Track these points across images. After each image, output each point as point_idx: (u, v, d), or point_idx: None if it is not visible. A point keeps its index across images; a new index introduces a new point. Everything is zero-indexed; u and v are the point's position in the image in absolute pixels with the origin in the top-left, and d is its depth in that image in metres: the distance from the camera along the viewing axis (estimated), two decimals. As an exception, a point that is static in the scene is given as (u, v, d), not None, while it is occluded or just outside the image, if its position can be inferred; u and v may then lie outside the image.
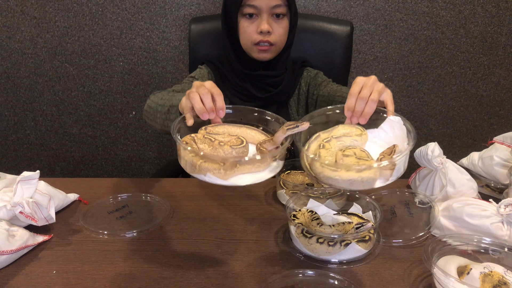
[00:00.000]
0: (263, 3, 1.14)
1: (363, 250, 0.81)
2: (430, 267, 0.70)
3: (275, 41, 1.18)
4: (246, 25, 1.17)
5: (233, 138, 0.72)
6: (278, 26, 1.17)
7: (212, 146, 0.70)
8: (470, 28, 1.84)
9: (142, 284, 0.73)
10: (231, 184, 0.68)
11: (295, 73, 1.29)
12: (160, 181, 1.16)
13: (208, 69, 1.29)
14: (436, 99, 1.95)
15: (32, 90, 1.86)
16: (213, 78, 1.28)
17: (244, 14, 1.17)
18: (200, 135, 0.73)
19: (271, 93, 1.25)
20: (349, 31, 1.43)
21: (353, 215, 0.91)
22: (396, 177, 0.68)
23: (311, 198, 0.94)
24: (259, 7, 1.14)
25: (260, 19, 1.16)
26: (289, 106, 1.31)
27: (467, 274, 0.69)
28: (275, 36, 1.17)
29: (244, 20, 1.18)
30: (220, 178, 0.67)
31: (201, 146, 0.70)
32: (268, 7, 1.14)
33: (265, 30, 1.14)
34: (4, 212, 0.83)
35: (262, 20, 1.15)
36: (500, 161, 1.07)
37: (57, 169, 2.00)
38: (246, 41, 1.19)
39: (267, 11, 1.15)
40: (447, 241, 0.78)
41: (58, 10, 1.74)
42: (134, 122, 1.93)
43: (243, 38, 1.19)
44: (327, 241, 0.80)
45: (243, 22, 1.18)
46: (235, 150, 0.69)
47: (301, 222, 0.86)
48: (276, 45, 1.19)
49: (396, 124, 0.81)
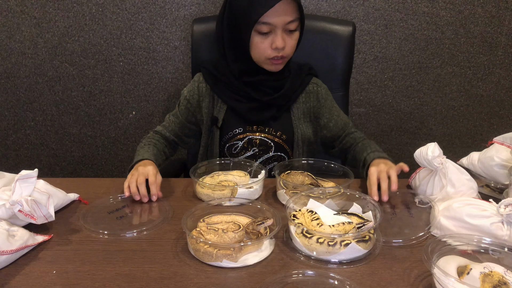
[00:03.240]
0: (279, 21, 1.12)
1: (363, 250, 0.81)
2: (430, 267, 0.70)
3: (287, 54, 1.18)
4: (259, 41, 1.15)
5: (230, 224, 0.85)
6: (291, 39, 1.17)
7: (217, 235, 0.81)
8: (470, 28, 1.84)
9: (142, 284, 0.73)
10: (243, 265, 0.79)
11: (300, 79, 1.29)
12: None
13: (200, 79, 1.30)
14: (436, 99, 1.95)
15: (32, 90, 1.86)
16: (205, 87, 1.28)
17: (258, 31, 1.14)
18: (203, 227, 0.84)
19: (271, 96, 1.24)
20: (351, 31, 1.42)
21: (353, 215, 0.90)
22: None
23: (311, 198, 0.94)
24: (275, 24, 1.12)
25: (274, 35, 1.14)
26: (292, 111, 1.30)
27: (467, 274, 0.69)
28: (288, 49, 1.17)
29: (257, 36, 1.15)
30: (233, 262, 0.78)
31: (208, 236, 0.81)
32: (283, 24, 1.13)
33: (281, 46, 1.14)
34: (3, 210, 0.83)
35: (277, 36, 1.13)
36: (500, 161, 1.07)
37: (57, 169, 2.00)
38: (260, 56, 1.18)
39: (281, 28, 1.13)
40: (447, 241, 0.78)
41: (58, 10, 1.74)
42: (134, 122, 1.93)
43: (256, 53, 1.18)
44: (327, 241, 0.80)
45: (256, 37, 1.15)
46: (237, 234, 0.82)
47: (301, 222, 0.85)
48: (288, 57, 1.21)
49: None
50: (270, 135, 1.28)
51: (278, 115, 1.28)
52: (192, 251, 0.82)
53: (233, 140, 1.28)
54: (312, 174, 1.09)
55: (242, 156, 1.29)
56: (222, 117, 1.27)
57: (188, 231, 0.81)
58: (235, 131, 1.28)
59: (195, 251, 0.80)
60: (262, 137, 1.28)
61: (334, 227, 0.85)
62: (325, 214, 0.91)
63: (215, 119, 1.27)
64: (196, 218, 0.89)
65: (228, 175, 1.11)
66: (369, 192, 1.03)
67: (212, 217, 0.91)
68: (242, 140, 1.28)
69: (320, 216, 0.89)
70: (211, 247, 0.78)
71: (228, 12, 1.19)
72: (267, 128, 1.28)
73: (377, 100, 1.93)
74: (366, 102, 1.93)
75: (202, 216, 0.91)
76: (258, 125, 1.28)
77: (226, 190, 1.03)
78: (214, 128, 1.28)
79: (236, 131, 1.28)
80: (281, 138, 1.29)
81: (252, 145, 1.28)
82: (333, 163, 1.14)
